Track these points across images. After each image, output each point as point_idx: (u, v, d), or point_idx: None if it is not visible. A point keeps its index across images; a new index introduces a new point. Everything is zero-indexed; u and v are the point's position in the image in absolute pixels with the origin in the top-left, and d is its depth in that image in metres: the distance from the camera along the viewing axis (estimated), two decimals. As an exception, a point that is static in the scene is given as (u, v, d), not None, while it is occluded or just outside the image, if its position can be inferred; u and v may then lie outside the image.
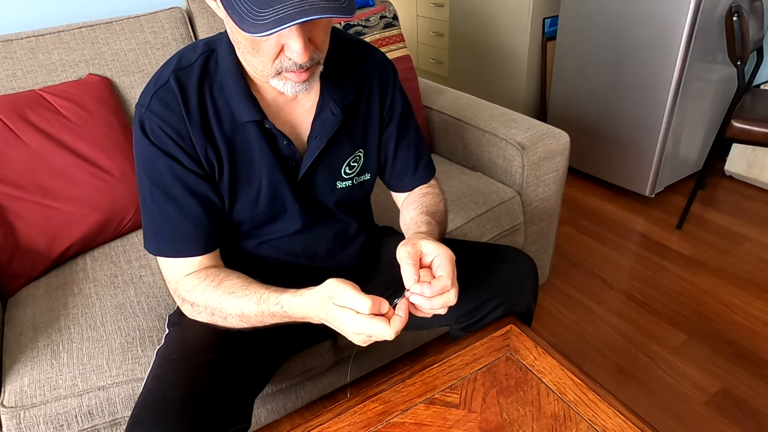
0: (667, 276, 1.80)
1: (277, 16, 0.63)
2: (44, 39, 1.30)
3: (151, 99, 0.80)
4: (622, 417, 0.75)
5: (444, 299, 0.72)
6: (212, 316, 0.83)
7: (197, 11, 1.47)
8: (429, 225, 0.87)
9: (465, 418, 0.77)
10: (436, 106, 1.64)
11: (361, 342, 0.71)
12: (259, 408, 1.20)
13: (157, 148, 0.80)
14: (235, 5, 0.66)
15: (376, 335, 0.69)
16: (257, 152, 0.85)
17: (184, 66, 0.82)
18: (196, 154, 0.81)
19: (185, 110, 0.80)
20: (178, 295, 0.86)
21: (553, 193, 1.51)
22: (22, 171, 1.17)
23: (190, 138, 0.80)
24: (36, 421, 0.95)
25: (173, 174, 0.81)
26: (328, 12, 0.64)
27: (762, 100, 1.97)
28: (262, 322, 0.80)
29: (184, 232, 0.83)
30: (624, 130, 2.15)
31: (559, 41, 2.31)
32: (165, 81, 0.80)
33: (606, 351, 1.54)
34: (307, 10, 0.63)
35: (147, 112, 0.79)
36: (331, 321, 0.72)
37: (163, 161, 0.80)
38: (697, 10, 1.83)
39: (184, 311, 0.87)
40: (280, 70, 0.74)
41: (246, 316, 0.79)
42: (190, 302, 0.84)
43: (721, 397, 1.38)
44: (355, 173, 0.95)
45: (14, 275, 1.17)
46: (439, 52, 3.14)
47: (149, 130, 0.80)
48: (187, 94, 0.80)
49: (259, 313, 0.78)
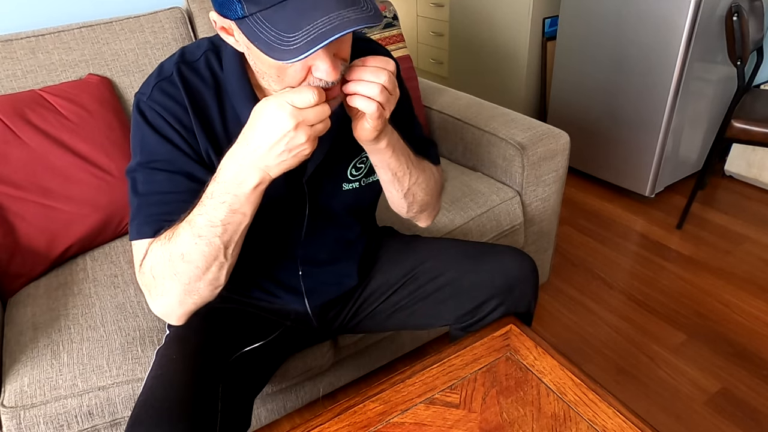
0: (667, 276, 1.80)
1: (309, 37, 0.61)
2: (44, 39, 1.30)
3: (152, 89, 0.78)
4: (622, 417, 0.75)
5: (380, 60, 0.70)
6: (173, 267, 0.72)
7: (197, 11, 1.47)
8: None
9: (465, 418, 0.77)
10: (436, 106, 1.64)
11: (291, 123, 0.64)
12: (259, 408, 1.20)
13: (157, 133, 0.77)
14: (261, 35, 0.63)
15: (298, 99, 0.64)
16: None
17: (188, 61, 0.80)
18: (198, 147, 0.79)
19: (189, 104, 0.78)
20: (142, 270, 0.76)
21: (553, 193, 1.51)
22: (22, 171, 1.17)
23: (193, 131, 0.78)
24: (36, 421, 0.95)
25: (171, 161, 0.78)
26: (360, 23, 0.61)
27: (762, 100, 1.97)
28: (211, 227, 0.70)
29: (174, 210, 0.75)
30: (624, 130, 2.15)
31: (559, 41, 2.31)
32: (168, 74, 0.78)
33: (606, 351, 1.54)
34: (339, 25, 0.60)
35: (148, 100, 0.77)
36: (252, 140, 0.67)
37: (162, 146, 0.77)
38: (697, 10, 1.83)
39: (153, 298, 0.77)
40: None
41: (195, 226, 0.70)
42: (150, 267, 0.74)
43: (721, 397, 1.38)
44: (362, 175, 0.93)
45: (14, 275, 1.17)
46: (439, 52, 3.14)
47: (150, 116, 0.77)
48: (191, 90, 0.78)
49: (202, 210, 0.70)
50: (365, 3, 0.65)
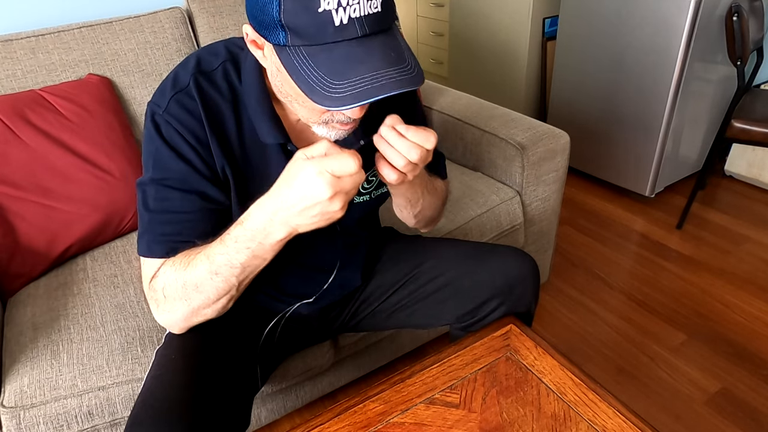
0: (667, 276, 1.80)
1: (354, 90, 0.60)
2: (44, 39, 1.30)
3: (169, 102, 0.75)
4: (622, 417, 0.75)
5: (421, 136, 0.68)
6: (185, 293, 0.74)
7: (197, 11, 1.47)
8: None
9: (465, 418, 0.77)
10: (436, 106, 1.64)
11: (328, 193, 0.62)
12: (259, 408, 1.20)
13: (171, 149, 0.75)
14: (302, 71, 0.62)
15: (338, 168, 0.61)
16: (275, 175, 0.81)
17: (204, 71, 0.78)
18: (213, 164, 0.77)
19: (206, 119, 0.76)
20: (152, 288, 0.78)
21: (553, 193, 1.51)
22: (22, 171, 1.17)
23: (209, 146, 0.76)
24: (36, 421, 0.95)
25: (184, 179, 0.76)
26: (404, 86, 0.61)
27: (762, 100, 1.97)
28: (230, 267, 0.71)
29: (183, 234, 0.77)
30: (624, 130, 2.15)
31: (559, 41, 2.31)
32: (185, 85, 0.76)
33: (606, 351, 1.54)
34: (385, 85, 0.60)
35: (164, 114, 0.75)
36: (286, 200, 0.64)
37: (175, 164, 0.76)
38: (697, 10, 1.83)
39: (160, 314, 0.80)
40: (329, 120, 0.71)
41: (214, 264, 0.71)
42: (162, 288, 0.76)
43: (721, 397, 1.38)
44: (372, 188, 0.92)
45: (14, 275, 1.17)
46: (439, 52, 3.14)
47: (165, 131, 0.75)
48: (208, 103, 0.76)
49: (224, 250, 0.70)
50: (410, 62, 0.64)
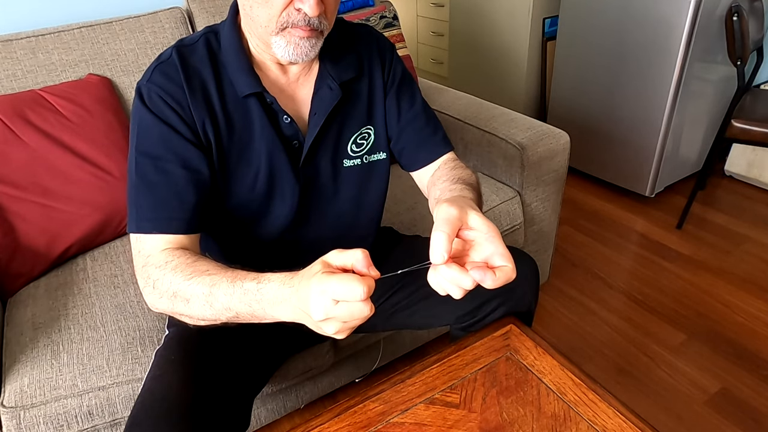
0: (667, 276, 1.80)
1: None
2: (44, 39, 1.30)
3: (152, 72, 0.80)
4: (622, 417, 0.75)
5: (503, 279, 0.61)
6: (173, 299, 0.72)
7: (197, 11, 1.47)
8: (470, 192, 0.78)
9: (465, 418, 0.77)
10: (436, 106, 1.64)
11: (319, 317, 0.56)
12: (259, 408, 1.20)
13: (154, 115, 0.78)
14: None
15: (341, 293, 0.54)
16: (258, 131, 0.83)
17: (186, 44, 0.83)
18: (194, 123, 0.80)
19: (186, 82, 0.79)
20: (146, 273, 0.76)
21: (553, 193, 1.51)
22: (22, 171, 1.17)
23: (189, 108, 0.79)
24: (36, 421, 0.95)
25: (166, 143, 0.78)
26: None
27: (762, 100, 1.97)
28: (226, 308, 0.68)
29: (169, 206, 0.77)
30: (624, 130, 2.15)
31: (559, 41, 2.31)
32: (167, 57, 0.81)
33: (606, 351, 1.54)
34: None
35: (148, 83, 0.79)
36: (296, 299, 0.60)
37: (157, 128, 0.78)
38: (697, 10, 1.83)
39: (145, 295, 0.77)
40: (286, 24, 0.74)
41: (214, 296, 0.68)
42: (154, 280, 0.74)
43: (721, 397, 1.38)
44: (364, 151, 0.92)
45: (14, 275, 1.17)
46: (439, 52, 3.14)
47: (147, 98, 0.79)
48: (189, 68, 0.80)
49: (229, 292, 0.67)
50: None
